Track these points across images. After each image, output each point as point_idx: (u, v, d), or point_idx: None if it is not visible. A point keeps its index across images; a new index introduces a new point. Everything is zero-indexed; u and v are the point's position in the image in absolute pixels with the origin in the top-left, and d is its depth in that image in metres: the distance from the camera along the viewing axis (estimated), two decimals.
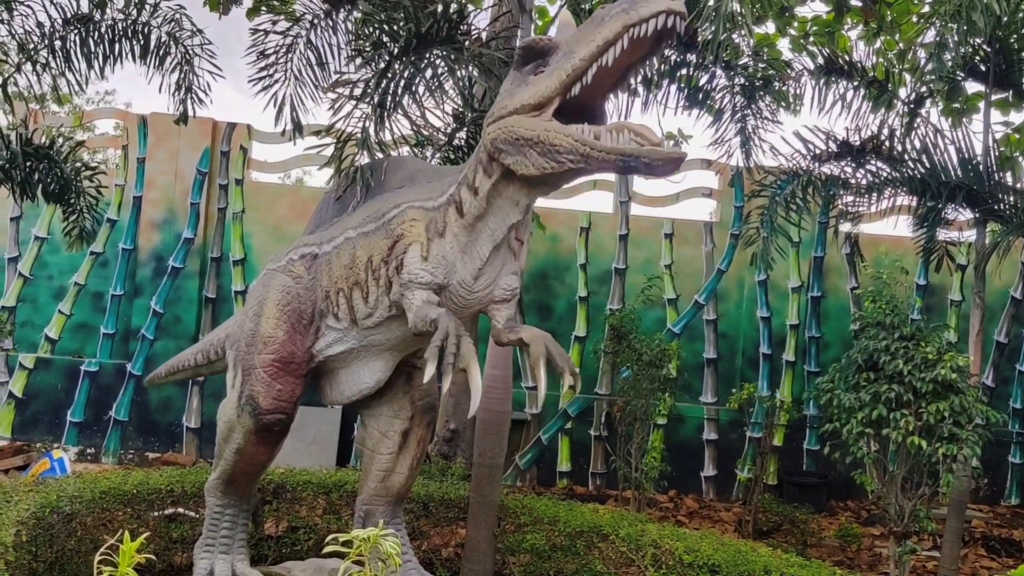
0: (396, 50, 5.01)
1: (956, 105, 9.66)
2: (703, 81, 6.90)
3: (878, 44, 10.80)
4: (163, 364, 6.06)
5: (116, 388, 10.25)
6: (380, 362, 4.58)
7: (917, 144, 6.97)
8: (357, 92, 4.95)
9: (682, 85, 7.14)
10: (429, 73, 5.20)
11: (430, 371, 3.56)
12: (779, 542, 8.11)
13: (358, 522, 5.07)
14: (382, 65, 5.02)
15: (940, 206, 6.91)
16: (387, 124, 4.98)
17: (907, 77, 9.15)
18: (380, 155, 4.76)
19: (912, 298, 6.20)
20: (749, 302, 10.69)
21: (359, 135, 4.73)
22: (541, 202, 6.52)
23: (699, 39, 6.35)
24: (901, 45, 10.79)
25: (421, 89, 5.17)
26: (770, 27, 10.99)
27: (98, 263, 10.58)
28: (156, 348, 10.30)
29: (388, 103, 4.92)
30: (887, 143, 6.62)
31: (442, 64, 5.25)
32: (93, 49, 6.43)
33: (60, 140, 7.17)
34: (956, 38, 5.38)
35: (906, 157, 6.65)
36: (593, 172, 3.43)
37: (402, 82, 5.07)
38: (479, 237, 3.91)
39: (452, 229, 3.91)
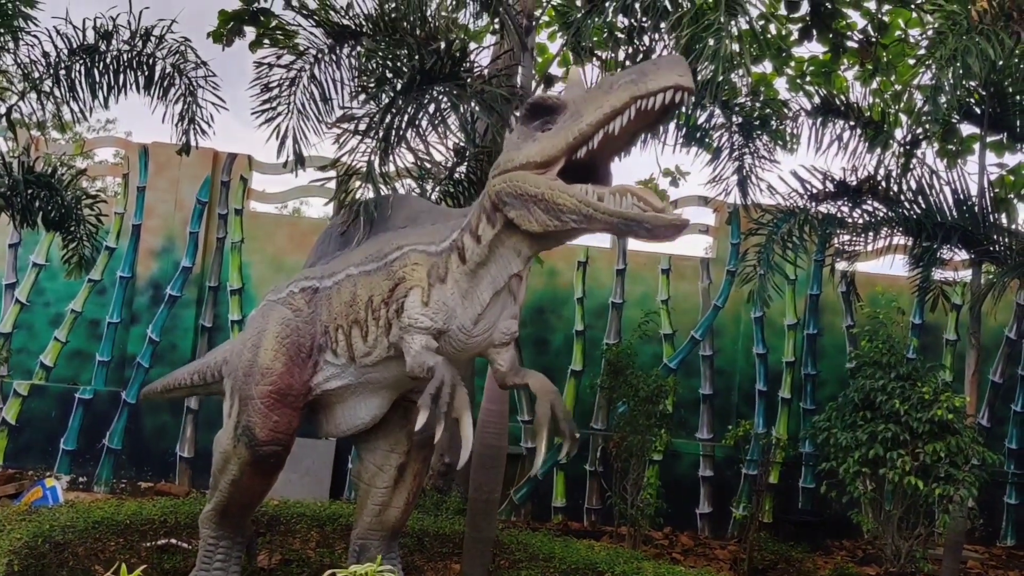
0: (400, 86, 5.07)
1: (951, 147, 9.77)
2: (701, 119, 6.95)
3: (874, 85, 10.95)
4: (159, 379, 6.07)
5: (110, 416, 10.19)
6: (376, 399, 4.60)
7: (913, 185, 7.04)
8: (362, 127, 4.99)
9: (679, 123, 7.22)
10: (432, 108, 5.26)
11: (422, 419, 3.61)
12: None
13: (353, 555, 5.05)
14: (386, 100, 5.07)
15: (936, 247, 6.95)
16: (391, 158, 5.02)
17: (903, 118, 9.27)
18: (384, 189, 4.79)
19: (908, 338, 6.21)
20: (745, 338, 10.71)
21: (363, 169, 4.76)
22: None
23: (698, 78, 6.42)
24: (897, 87, 10.93)
25: (424, 124, 5.22)
26: (767, 66, 11.14)
27: (95, 290, 10.57)
28: (151, 376, 10.23)
29: (392, 138, 4.96)
30: (883, 184, 6.68)
31: (445, 100, 5.31)
32: (98, 79, 6.49)
33: (62, 168, 7.21)
34: (952, 81, 5.45)
35: (902, 198, 6.70)
36: (595, 232, 3.47)
37: (406, 117, 5.12)
38: (480, 283, 3.95)
39: (453, 275, 3.95)
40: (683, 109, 7.12)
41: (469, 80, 5.47)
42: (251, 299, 10.55)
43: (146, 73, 6.53)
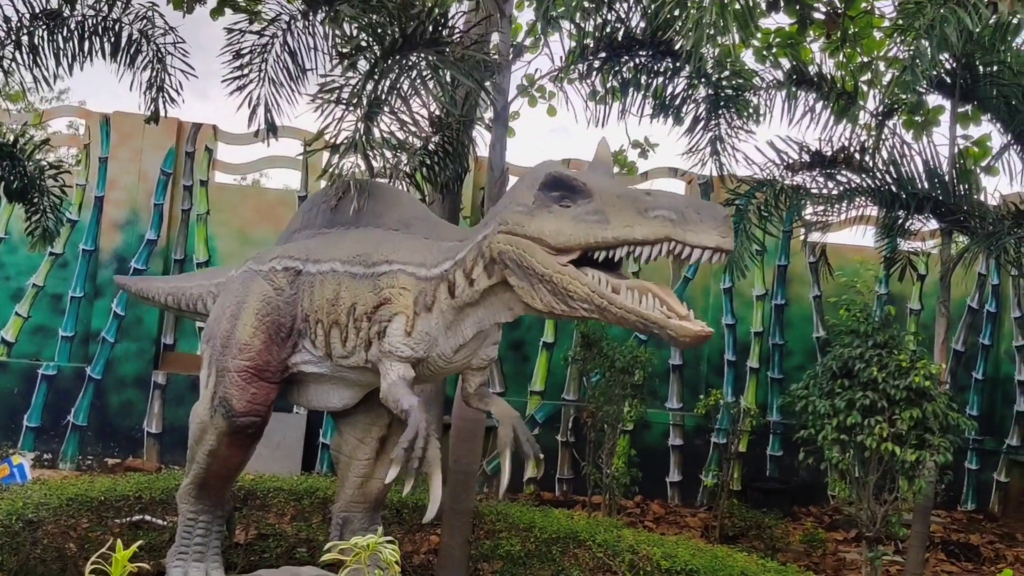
0: (381, 52, 4.97)
1: (918, 119, 9.87)
2: (678, 89, 6.92)
3: (840, 57, 11.00)
4: (140, 278, 5.98)
5: (75, 392, 10.02)
6: (350, 391, 4.58)
7: (885, 155, 7.09)
8: (344, 95, 4.88)
9: (649, 94, 7.18)
10: (414, 74, 5.16)
11: (393, 473, 3.57)
12: (746, 547, 8.19)
13: (335, 529, 5.02)
14: (367, 67, 4.97)
15: (907, 217, 7.04)
16: (376, 125, 4.93)
17: (866, 89, 9.32)
18: (375, 161, 4.70)
19: (885, 308, 6.29)
20: (715, 310, 10.80)
21: (352, 138, 4.66)
22: None
23: (677, 48, 6.39)
24: (864, 58, 11.00)
25: (407, 88, 5.12)
26: (735, 38, 11.11)
27: (57, 264, 10.34)
28: (117, 351, 10.09)
29: (376, 105, 4.87)
30: (857, 154, 6.73)
31: (426, 66, 5.22)
32: (62, 45, 6.27)
33: (24, 137, 7.00)
34: (929, 52, 5.48)
35: (875, 168, 6.75)
36: (604, 322, 3.33)
37: (387, 83, 5.02)
38: (465, 320, 3.87)
39: (440, 305, 3.85)
40: (654, 82, 7.15)
41: (449, 47, 5.37)
42: None
43: (112, 39, 6.32)
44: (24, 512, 5.25)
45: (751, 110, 7.32)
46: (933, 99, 9.24)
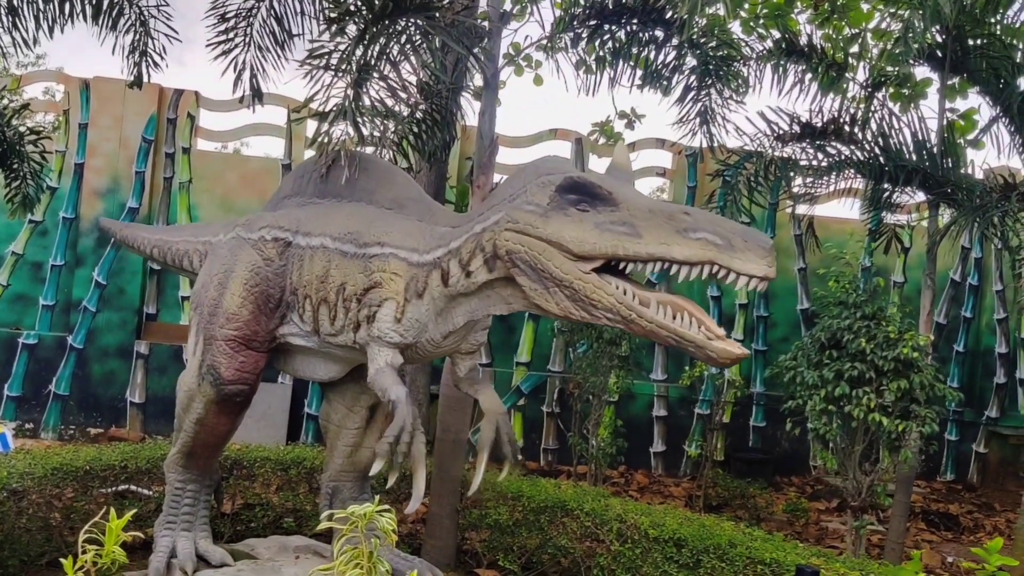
0: (370, 16, 4.87)
1: (905, 91, 9.87)
2: (668, 59, 6.87)
3: (828, 29, 10.96)
4: (126, 224, 5.91)
5: (56, 361, 9.92)
6: (337, 365, 4.55)
7: (874, 128, 7.08)
8: (333, 61, 4.80)
9: (638, 64, 7.12)
10: (404, 39, 5.08)
11: (377, 467, 3.56)
12: (731, 516, 8.26)
13: (325, 499, 4.99)
14: (357, 32, 4.88)
15: (895, 189, 7.05)
16: (365, 91, 4.85)
17: (854, 62, 9.30)
18: (364, 128, 4.63)
19: (874, 279, 6.32)
20: (699, 282, 10.71)
21: (341, 105, 4.58)
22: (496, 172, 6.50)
23: (669, 16, 6.33)
24: (850, 30, 10.97)
25: (396, 53, 5.04)
26: (720, 9, 11.03)
27: (37, 232, 10.21)
28: (98, 320, 9.99)
29: (365, 71, 4.79)
30: (847, 125, 6.71)
31: (416, 31, 5.14)
32: (42, 7, 6.12)
33: (2, 102, 6.87)
34: (922, 24, 5.44)
35: (865, 140, 6.74)
36: (628, 332, 3.26)
37: (377, 48, 4.94)
38: (457, 308, 3.83)
39: (432, 292, 3.81)
40: (644, 51, 7.08)
41: (439, 12, 5.29)
42: None
43: (94, 1, 6.18)
44: (8, 482, 5.18)
45: (741, 80, 7.28)
46: (921, 72, 9.25)
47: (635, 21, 6.46)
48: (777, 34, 8.00)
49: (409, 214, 4.18)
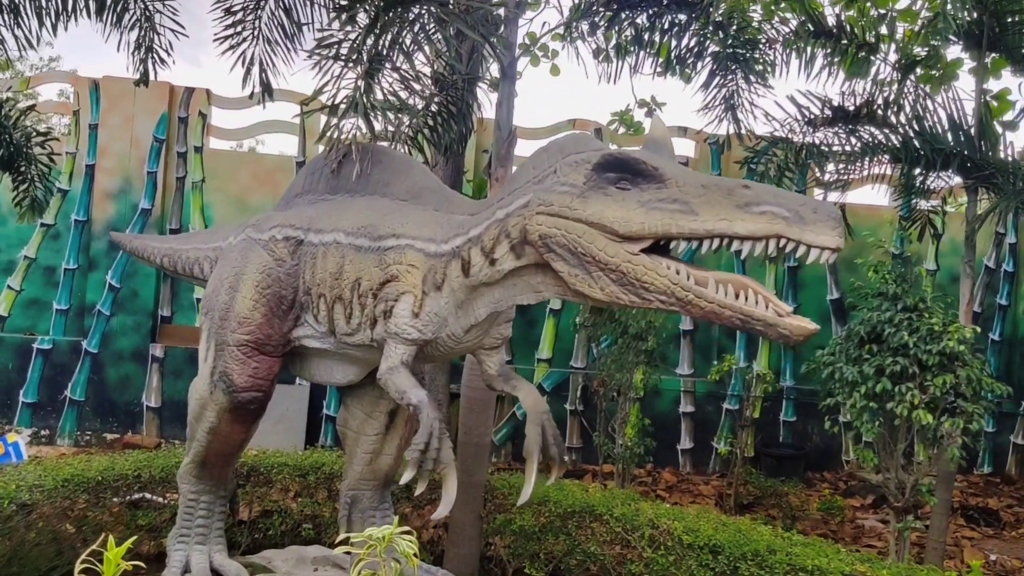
0: (382, 4, 4.65)
1: (935, 72, 9.55)
2: (692, 43, 6.62)
3: (852, 12, 10.66)
4: (136, 236, 5.81)
5: (71, 366, 9.79)
6: (355, 368, 4.35)
7: (908, 110, 6.79)
8: (343, 51, 4.58)
9: (656, 51, 6.88)
10: (417, 28, 4.86)
11: (407, 476, 3.36)
12: (763, 516, 8.01)
13: (344, 508, 4.82)
14: (368, 21, 4.67)
15: (932, 173, 6.77)
16: (377, 83, 4.63)
17: (882, 43, 9.00)
18: (376, 122, 4.41)
19: (915, 269, 6.06)
20: (726, 271, 10.49)
21: (352, 97, 4.36)
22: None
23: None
24: (875, 11, 10.66)
25: (409, 43, 4.83)
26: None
27: (49, 235, 10.07)
28: (113, 324, 9.84)
29: (377, 61, 4.57)
30: (880, 109, 6.42)
31: (429, 19, 4.92)
32: (44, 4, 5.95)
33: (9, 103, 6.70)
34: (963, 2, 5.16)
35: (900, 122, 6.45)
36: (684, 315, 3.04)
37: (389, 37, 4.72)
38: (479, 299, 3.61)
39: (451, 283, 3.60)
40: (667, 36, 6.83)
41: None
42: None
43: None
44: (17, 495, 5.03)
45: (767, 64, 7.02)
46: (952, 52, 8.95)
47: (656, 5, 6.23)
48: (798, 19, 7.73)
49: (425, 204, 3.98)
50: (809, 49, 7.24)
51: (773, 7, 10.99)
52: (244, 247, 4.39)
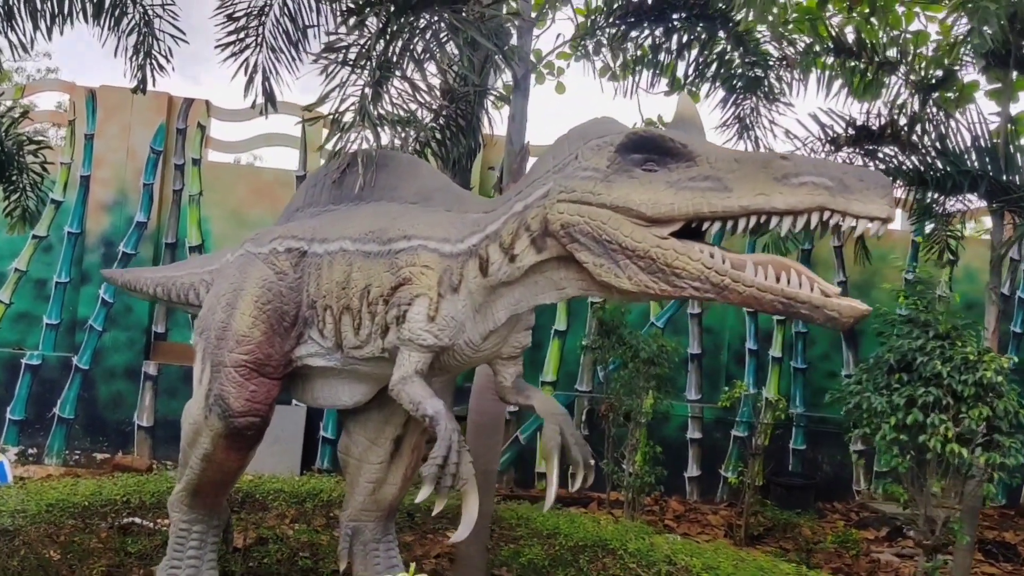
0: (394, 8, 4.43)
1: (950, 95, 9.37)
2: (708, 59, 6.43)
3: (870, 29, 10.51)
4: (127, 270, 5.55)
5: (61, 383, 9.48)
6: (363, 386, 4.08)
7: (931, 130, 6.60)
8: (351, 57, 4.36)
9: (663, 70, 6.70)
10: (429, 35, 4.64)
11: (424, 493, 3.09)
12: (776, 548, 7.74)
13: (344, 540, 4.56)
14: (378, 26, 4.45)
15: (953, 196, 6.57)
16: (385, 92, 4.40)
17: (903, 61, 8.84)
18: (383, 134, 4.18)
19: (947, 294, 5.84)
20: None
21: (357, 104, 4.13)
22: None
23: (712, 12, 5.91)
24: (884, 33, 10.51)
25: (420, 50, 4.61)
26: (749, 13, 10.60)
27: (41, 247, 9.78)
28: (105, 340, 9.55)
29: (386, 68, 4.35)
30: (905, 128, 6.22)
31: (442, 26, 4.70)
32: (39, 6, 5.72)
33: (0, 110, 6.47)
34: (998, 19, 4.97)
35: (923, 143, 6.25)
36: (719, 302, 2.81)
37: (399, 44, 4.50)
38: (498, 301, 3.37)
39: (468, 285, 3.36)
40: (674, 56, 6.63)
41: (467, 5, 4.84)
42: None
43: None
44: None
45: (785, 82, 6.85)
46: (968, 75, 8.78)
47: (676, 16, 6.03)
48: (807, 39, 7.57)
49: (437, 205, 3.73)
50: (827, 68, 7.07)
51: (781, 29, 10.86)
52: (242, 262, 4.14)
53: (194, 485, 4.27)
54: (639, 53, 6.96)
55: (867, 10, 10.26)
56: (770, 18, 10.35)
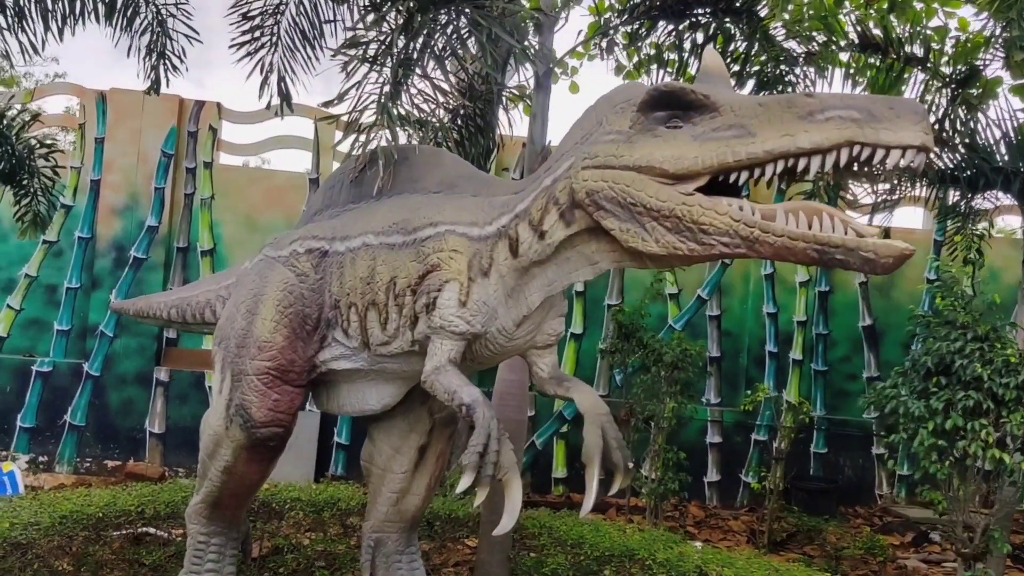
0: (415, 4, 4.30)
1: (973, 91, 9.21)
2: (737, 55, 6.29)
3: (891, 24, 10.36)
4: (136, 299, 5.40)
5: (72, 390, 9.36)
6: (391, 387, 3.93)
7: (959, 127, 6.44)
8: (371, 53, 4.23)
9: (679, 69, 6.56)
10: (451, 31, 4.51)
11: (465, 483, 2.92)
12: (801, 555, 7.57)
13: (367, 551, 4.42)
14: (399, 21, 4.32)
15: (981, 194, 6.42)
16: (405, 90, 4.27)
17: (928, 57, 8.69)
18: (401, 134, 4.05)
19: (986, 295, 5.67)
20: (755, 297, 10.10)
21: (378, 101, 4.00)
22: None
23: (739, 5, 5.78)
24: (904, 29, 10.35)
25: (442, 47, 4.48)
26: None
27: (52, 253, 9.67)
28: (116, 346, 9.43)
29: (407, 65, 4.21)
30: (936, 125, 6.06)
31: (464, 22, 4.57)
32: (50, 6, 5.60)
33: (11, 113, 6.36)
34: None
35: (954, 141, 6.09)
36: (752, 258, 2.67)
37: (420, 40, 4.37)
38: (530, 283, 3.23)
39: (499, 268, 3.22)
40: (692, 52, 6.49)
41: (488, 1, 4.71)
42: (223, 261, 9.73)
43: None
44: (10, 534, 4.63)
45: (813, 76, 6.71)
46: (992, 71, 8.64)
47: (702, 11, 5.89)
48: (823, 37, 7.43)
49: (462, 192, 3.59)
50: (845, 65, 6.94)
51: (796, 26, 10.70)
52: (262, 267, 4.02)
53: (214, 497, 4.15)
54: (653, 52, 6.84)
55: (885, 6, 10.11)
56: (785, 15, 10.23)
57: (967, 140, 6.31)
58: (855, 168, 2.36)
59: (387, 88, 4.20)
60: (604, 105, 2.95)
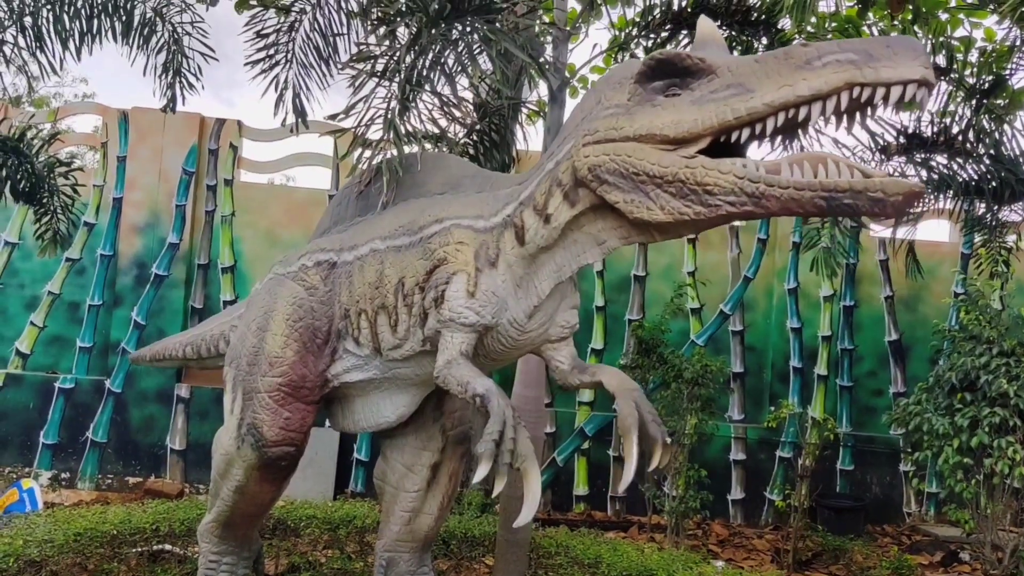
0: (425, 18, 4.28)
1: (998, 101, 9.06)
2: None
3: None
4: (150, 345, 5.38)
5: (93, 407, 9.41)
6: (405, 396, 3.88)
7: (985, 139, 6.31)
8: (379, 67, 4.20)
9: None
10: (462, 46, 4.48)
11: (482, 472, 2.83)
12: (827, 575, 7.42)
13: (379, 571, 4.37)
14: (410, 36, 4.29)
15: (1011, 206, 6.28)
16: (413, 105, 4.24)
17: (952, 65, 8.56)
18: (407, 146, 4.01)
19: (1014, 310, 5.53)
20: (779, 312, 9.96)
21: (385, 115, 3.97)
22: None
23: (754, 18, 5.71)
24: (928, 40, 10.22)
25: (452, 63, 4.44)
26: (786, 23, 10.37)
27: (74, 270, 9.75)
28: None
29: (416, 80, 4.18)
30: (960, 136, 5.94)
31: (476, 38, 4.53)
32: (68, 26, 5.65)
33: (31, 132, 6.40)
34: None
35: (979, 151, 5.97)
36: (759, 217, 2.61)
37: (431, 56, 4.34)
38: (539, 271, 3.19)
39: (507, 258, 3.19)
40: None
41: (502, 15, 4.67)
42: (244, 277, 9.76)
43: (123, 18, 5.70)
44: (25, 551, 4.62)
45: None
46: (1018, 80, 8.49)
47: (717, 24, 5.83)
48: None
49: (466, 189, 3.57)
50: None
51: (817, 38, 10.59)
52: (271, 285, 4.01)
53: (225, 517, 4.14)
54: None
55: (910, 17, 9.99)
56: (809, 28, 10.13)
57: (992, 151, 6.17)
58: (857, 112, 2.31)
59: (395, 104, 4.17)
60: (602, 84, 2.94)
